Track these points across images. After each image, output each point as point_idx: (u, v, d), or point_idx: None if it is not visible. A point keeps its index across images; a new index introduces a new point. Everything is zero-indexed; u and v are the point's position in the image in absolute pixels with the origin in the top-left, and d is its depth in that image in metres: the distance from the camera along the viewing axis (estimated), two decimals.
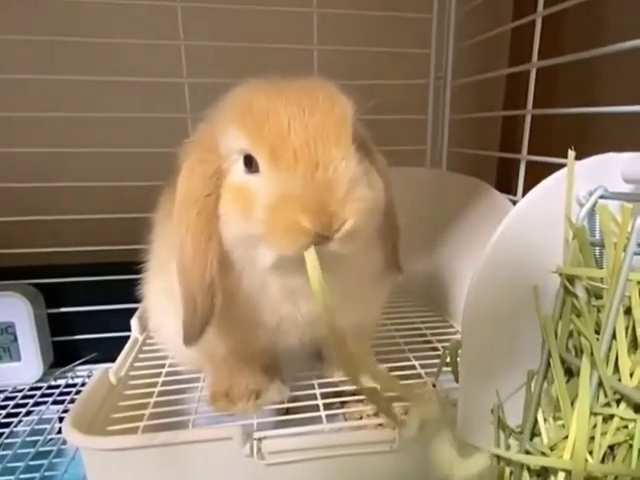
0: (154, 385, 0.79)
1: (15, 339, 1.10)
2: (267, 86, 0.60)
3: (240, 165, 0.59)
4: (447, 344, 0.91)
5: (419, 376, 0.84)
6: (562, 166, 0.53)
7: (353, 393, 0.80)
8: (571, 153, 0.53)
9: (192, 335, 0.62)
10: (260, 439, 0.64)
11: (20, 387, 1.09)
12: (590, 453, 0.44)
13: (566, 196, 0.53)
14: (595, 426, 0.45)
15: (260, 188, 0.56)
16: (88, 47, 1.17)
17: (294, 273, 0.59)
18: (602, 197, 0.52)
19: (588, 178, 0.53)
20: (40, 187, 1.13)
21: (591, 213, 0.52)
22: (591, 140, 0.95)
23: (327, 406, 0.75)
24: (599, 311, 0.49)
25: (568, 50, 0.81)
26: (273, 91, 0.58)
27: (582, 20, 1.14)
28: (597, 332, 0.48)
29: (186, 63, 1.12)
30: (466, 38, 1.22)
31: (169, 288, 0.74)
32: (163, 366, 0.87)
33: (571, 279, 0.51)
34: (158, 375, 0.83)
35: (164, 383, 0.81)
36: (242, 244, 0.60)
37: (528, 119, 0.95)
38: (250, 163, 0.57)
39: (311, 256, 0.54)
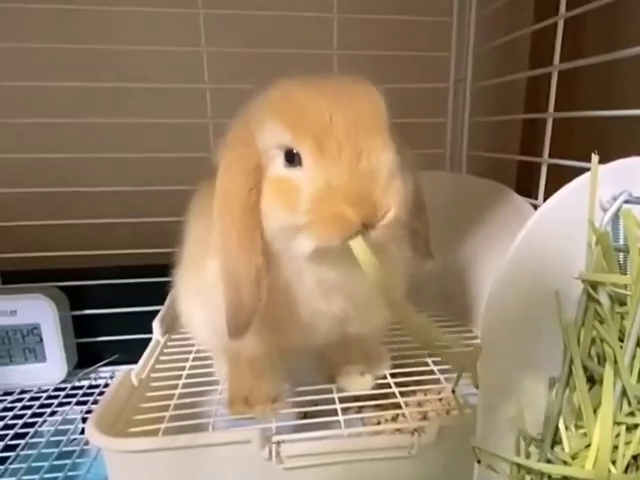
0: (175, 387, 0.80)
1: (40, 340, 1.12)
2: (303, 82, 0.61)
3: (280, 160, 0.59)
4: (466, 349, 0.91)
5: (438, 381, 0.83)
6: (584, 170, 0.52)
7: (371, 398, 0.80)
8: (595, 157, 0.52)
9: (240, 327, 0.62)
10: (279, 443, 0.64)
11: (45, 387, 1.11)
12: (613, 463, 0.44)
13: (589, 201, 0.52)
14: (618, 435, 0.44)
15: (303, 181, 0.57)
16: (109, 54, 1.19)
17: (330, 265, 0.60)
18: (626, 202, 0.50)
19: (612, 182, 0.52)
20: (66, 191, 1.15)
21: (615, 218, 0.51)
22: (614, 143, 0.93)
23: (345, 410, 0.75)
24: (623, 318, 0.48)
25: (590, 52, 0.80)
26: (309, 86, 0.59)
27: (604, 22, 1.12)
28: (621, 339, 0.47)
29: (207, 69, 1.14)
30: (486, 41, 1.22)
31: (199, 283, 0.75)
32: (184, 368, 0.88)
33: (594, 285, 0.50)
34: (179, 377, 0.84)
35: (185, 385, 0.82)
36: (284, 235, 0.60)
37: (549, 122, 0.94)
38: (292, 158, 0.58)
39: (359, 244, 0.55)
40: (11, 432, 0.93)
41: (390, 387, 0.80)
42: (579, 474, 0.45)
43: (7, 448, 0.90)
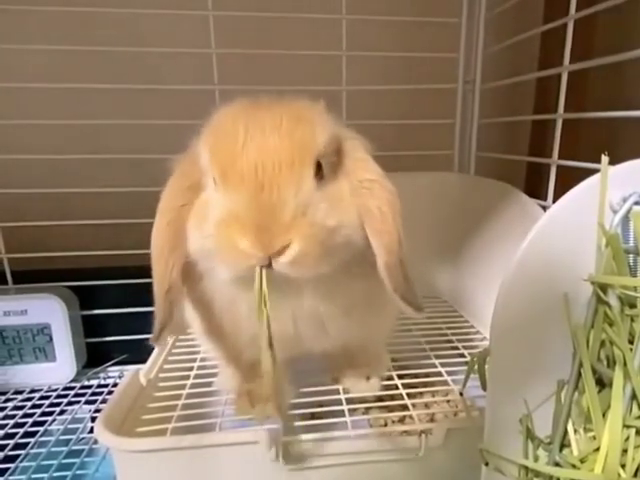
0: (182, 387, 0.81)
1: (50, 340, 1.13)
2: (242, 106, 0.61)
3: (211, 181, 0.60)
4: (474, 351, 0.91)
5: (445, 383, 0.83)
6: (593, 171, 0.52)
7: (378, 399, 0.80)
8: (604, 158, 0.51)
9: (155, 334, 0.65)
10: (286, 443, 0.65)
11: (55, 387, 1.12)
12: (622, 467, 0.43)
13: (599, 202, 0.51)
14: (628, 439, 0.44)
15: (214, 205, 0.58)
16: (119, 56, 1.20)
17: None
18: (636, 203, 0.50)
19: (621, 184, 0.51)
20: (76, 192, 1.16)
21: (625, 220, 0.51)
22: (624, 145, 0.93)
23: (352, 412, 0.75)
24: (633, 320, 0.48)
25: (600, 53, 0.80)
26: (243, 112, 0.59)
27: (614, 23, 1.11)
28: (630, 342, 0.47)
29: (217, 70, 1.15)
30: (495, 42, 1.21)
31: None
32: (191, 369, 0.88)
33: (604, 287, 0.50)
34: (186, 378, 0.85)
35: (192, 385, 0.82)
36: (201, 257, 0.62)
37: (559, 123, 0.93)
38: (215, 180, 0.59)
39: (257, 278, 0.54)
40: (21, 431, 0.94)
41: (397, 388, 0.80)
42: (588, 478, 0.45)
43: (17, 446, 0.90)
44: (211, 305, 0.68)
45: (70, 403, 1.06)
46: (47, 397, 1.07)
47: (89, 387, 1.13)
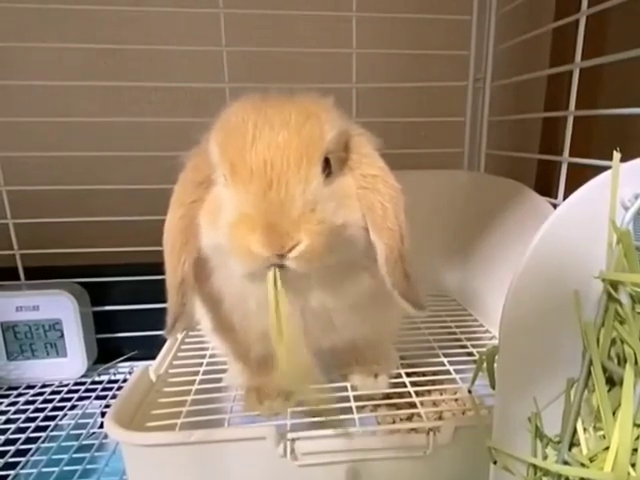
0: (192, 383, 0.81)
1: (62, 335, 1.14)
2: (252, 103, 0.61)
3: (222, 176, 0.60)
4: (482, 349, 0.90)
5: (454, 381, 0.83)
6: (604, 168, 0.51)
7: (386, 397, 0.80)
8: (616, 155, 0.51)
9: (168, 328, 0.67)
10: (293, 440, 0.65)
11: (65, 382, 1.14)
12: (632, 466, 0.43)
13: (610, 199, 0.51)
14: (638, 438, 0.43)
15: (226, 202, 0.58)
16: (132, 54, 1.20)
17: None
18: None
19: (633, 180, 0.51)
20: (88, 189, 1.18)
21: (637, 217, 0.50)
22: (636, 141, 0.91)
23: (360, 409, 0.75)
24: None
25: (612, 50, 0.79)
26: (252, 108, 0.59)
27: (626, 19, 1.09)
28: None
29: (227, 68, 1.15)
30: (506, 39, 1.20)
31: None
32: (201, 365, 0.89)
33: (615, 285, 0.49)
34: (196, 373, 0.85)
35: (201, 381, 0.82)
36: (215, 252, 0.63)
37: (570, 120, 0.92)
38: (225, 176, 0.59)
39: (269, 277, 0.55)
40: (32, 425, 0.95)
41: (405, 386, 0.80)
42: (597, 476, 0.44)
43: (28, 440, 0.92)
44: (221, 301, 0.69)
45: (81, 398, 1.07)
46: (58, 392, 1.09)
47: (99, 382, 1.15)
